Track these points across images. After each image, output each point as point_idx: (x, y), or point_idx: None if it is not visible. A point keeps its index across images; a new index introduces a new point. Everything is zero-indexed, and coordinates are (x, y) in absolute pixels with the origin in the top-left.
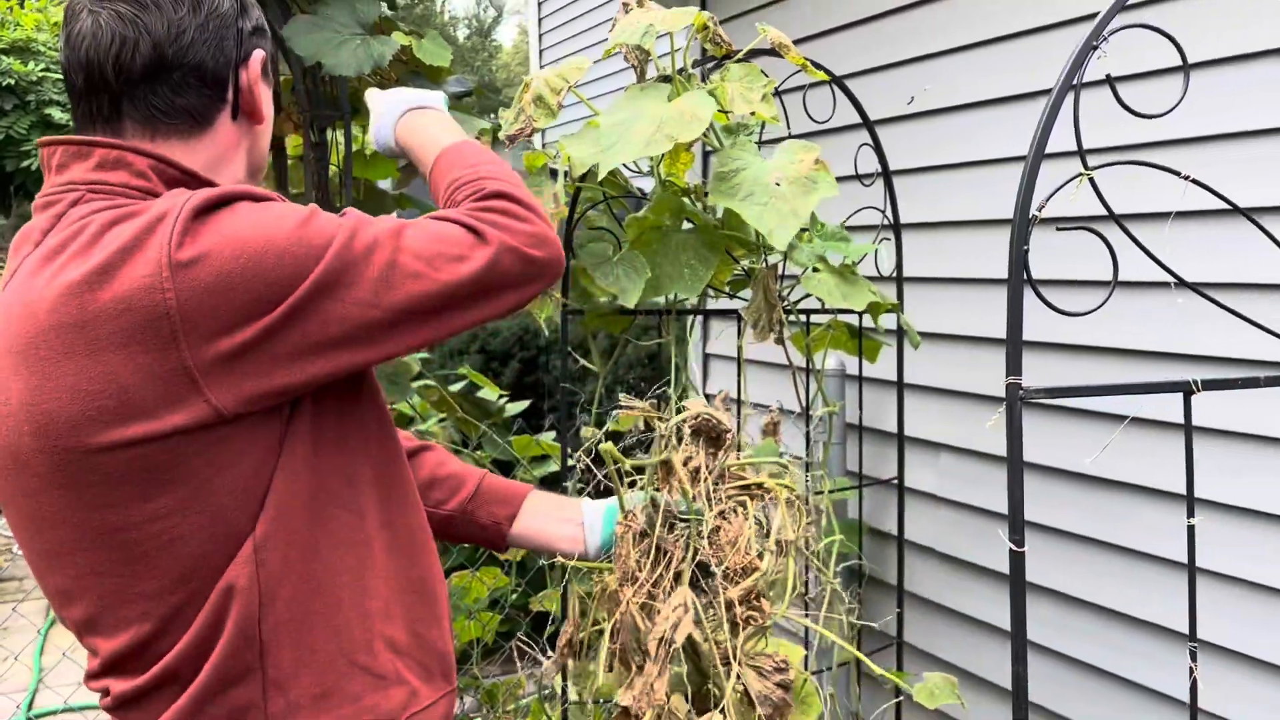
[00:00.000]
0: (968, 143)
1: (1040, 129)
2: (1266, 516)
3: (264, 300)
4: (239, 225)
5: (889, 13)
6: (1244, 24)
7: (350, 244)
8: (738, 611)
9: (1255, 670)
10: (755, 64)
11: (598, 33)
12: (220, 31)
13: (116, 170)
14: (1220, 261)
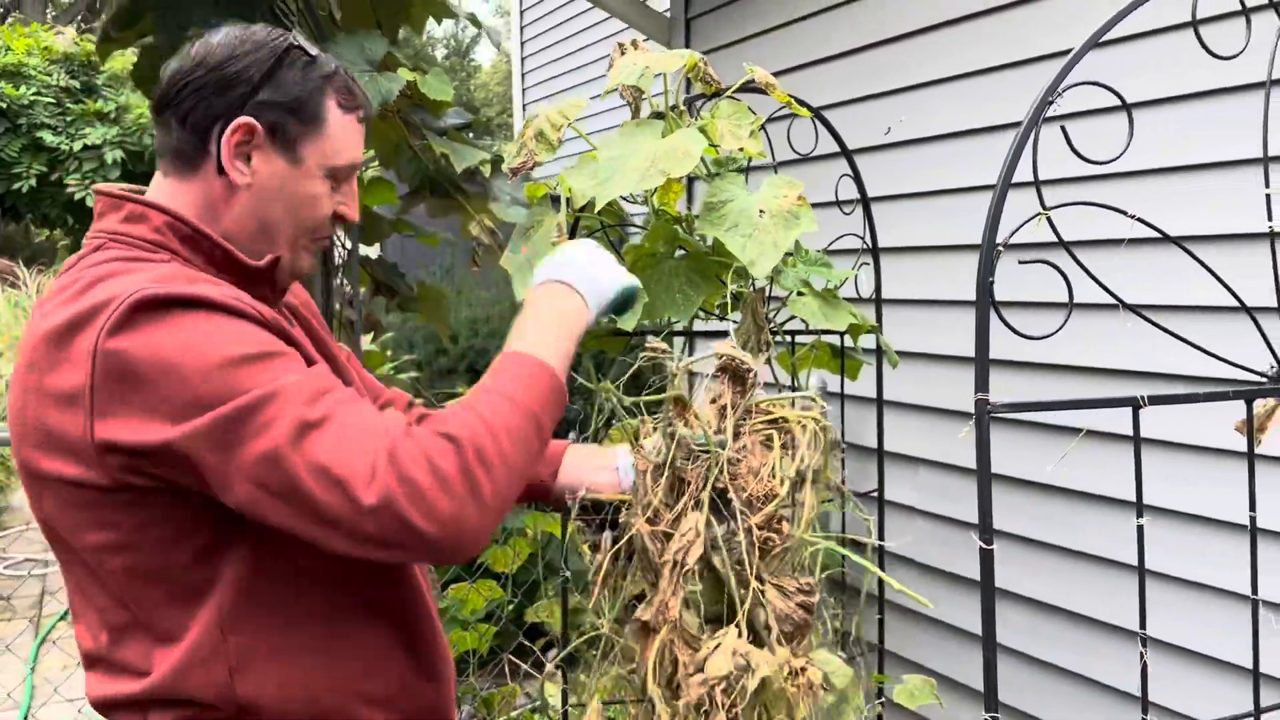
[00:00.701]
0: (941, 172)
1: (1003, 175)
2: (1208, 521)
3: (158, 413)
4: (166, 337)
5: (867, 47)
6: (1181, 70)
7: (247, 418)
8: (757, 535)
9: (1198, 664)
10: (742, 100)
11: (581, 56)
12: (215, 88)
13: (138, 224)
14: (1166, 286)
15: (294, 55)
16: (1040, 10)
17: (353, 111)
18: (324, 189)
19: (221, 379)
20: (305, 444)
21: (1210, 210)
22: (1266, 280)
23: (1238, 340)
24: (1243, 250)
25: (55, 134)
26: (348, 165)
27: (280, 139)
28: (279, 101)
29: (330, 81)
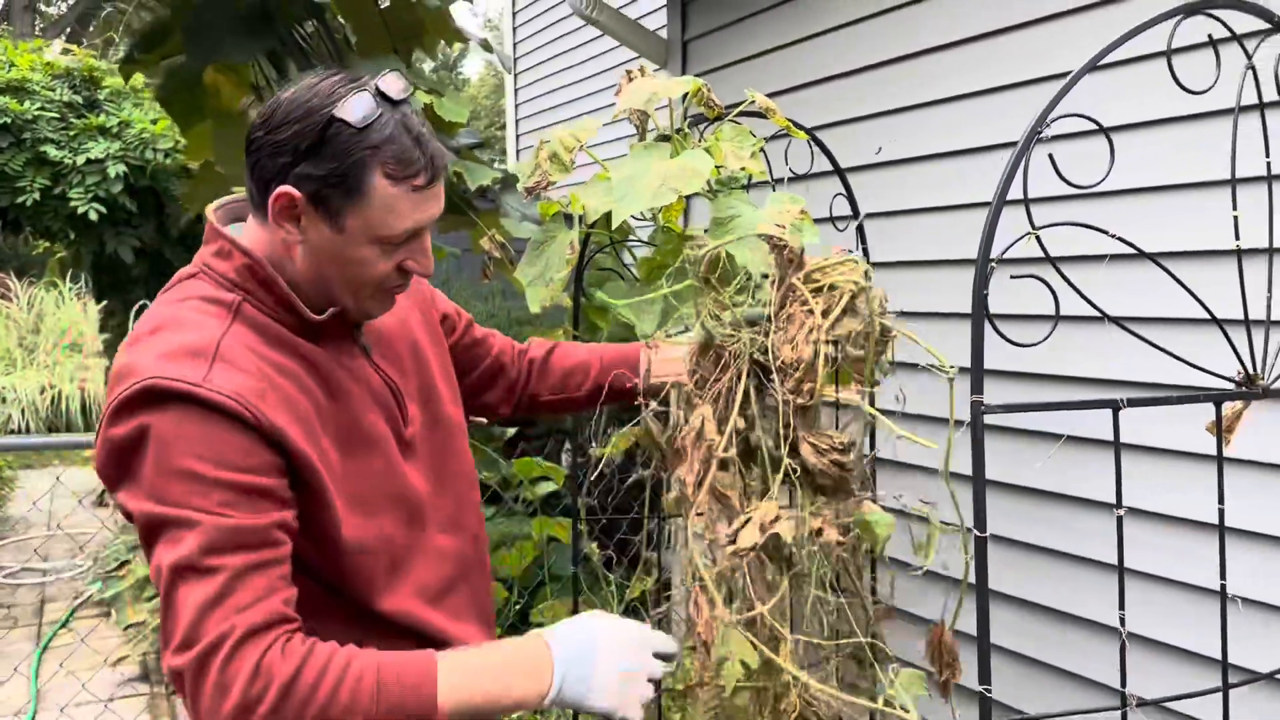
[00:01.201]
0: (931, 190)
1: (996, 197)
2: (1182, 521)
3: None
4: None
5: (858, 70)
6: (1159, 98)
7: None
8: (793, 400)
9: (1173, 657)
10: (743, 123)
11: (575, 72)
12: (268, 151)
13: (224, 261)
14: (1147, 298)
15: (337, 128)
16: (1026, 37)
17: (405, 181)
18: (373, 253)
19: (170, 482)
20: (180, 581)
21: (1187, 227)
22: (1239, 292)
23: (1211, 349)
24: (1217, 265)
25: (58, 148)
26: (400, 233)
27: (323, 208)
28: (319, 175)
29: (378, 153)
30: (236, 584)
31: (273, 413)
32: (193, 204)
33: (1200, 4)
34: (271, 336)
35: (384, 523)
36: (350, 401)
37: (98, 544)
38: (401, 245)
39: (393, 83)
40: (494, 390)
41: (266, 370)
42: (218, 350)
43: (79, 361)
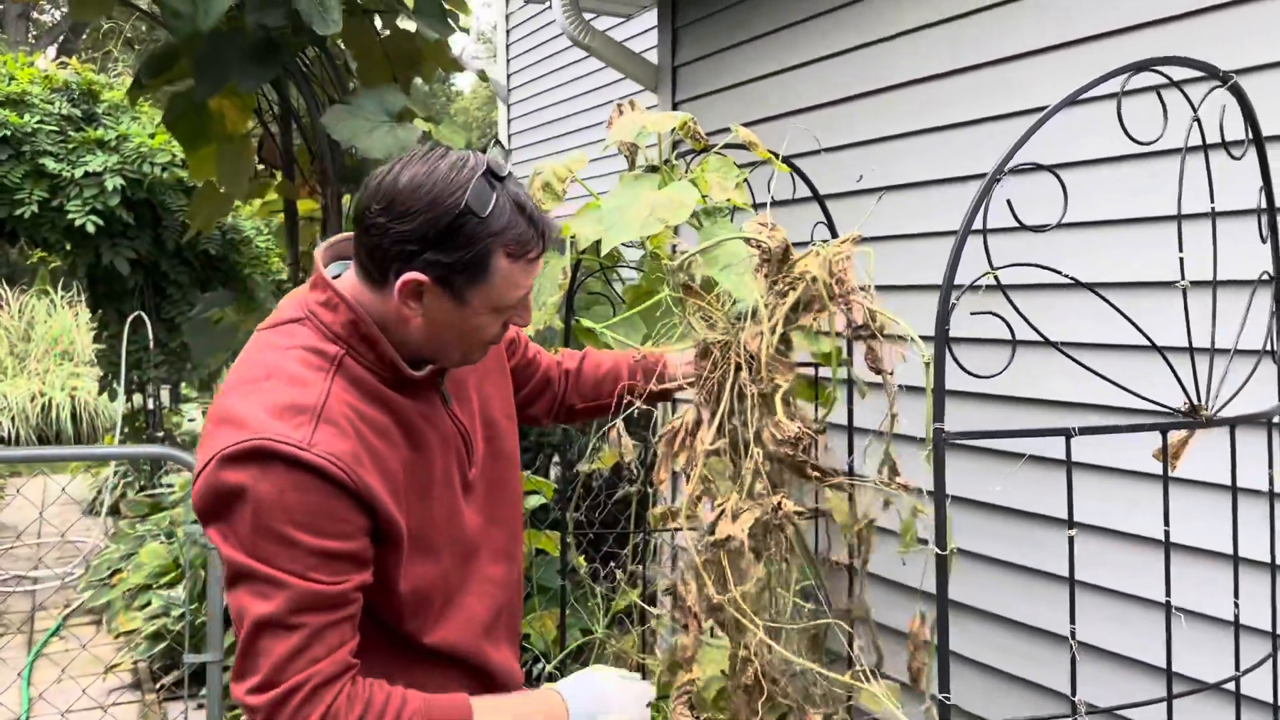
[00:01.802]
0: (907, 218)
1: (956, 243)
2: (1136, 538)
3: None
4: (255, 485)
5: (841, 100)
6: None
7: (255, 580)
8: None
9: (1123, 666)
10: (727, 154)
11: (568, 90)
12: (394, 238)
13: (331, 312)
14: (1105, 327)
15: (466, 219)
16: (998, 73)
17: (522, 257)
18: (489, 320)
19: (266, 542)
20: (265, 633)
21: (1140, 260)
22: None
23: (1162, 374)
24: (1169, 296)
25: (57, 161)
26: (514, 301)
27: (448, 288)
28: (448, 262)
29: (500, 237)
30: (314, 640)
31: (368, 475)
32: (194, 220)
33: (1150, 61)
34: (367, 391)
35: (444, 562)
36: (430, 452)
37: (89, 552)
38: (512, 308)
39: (497, 161)
40: (539, 403)
41: (363, 430)
42: (322, 411)
43: (70, 369)
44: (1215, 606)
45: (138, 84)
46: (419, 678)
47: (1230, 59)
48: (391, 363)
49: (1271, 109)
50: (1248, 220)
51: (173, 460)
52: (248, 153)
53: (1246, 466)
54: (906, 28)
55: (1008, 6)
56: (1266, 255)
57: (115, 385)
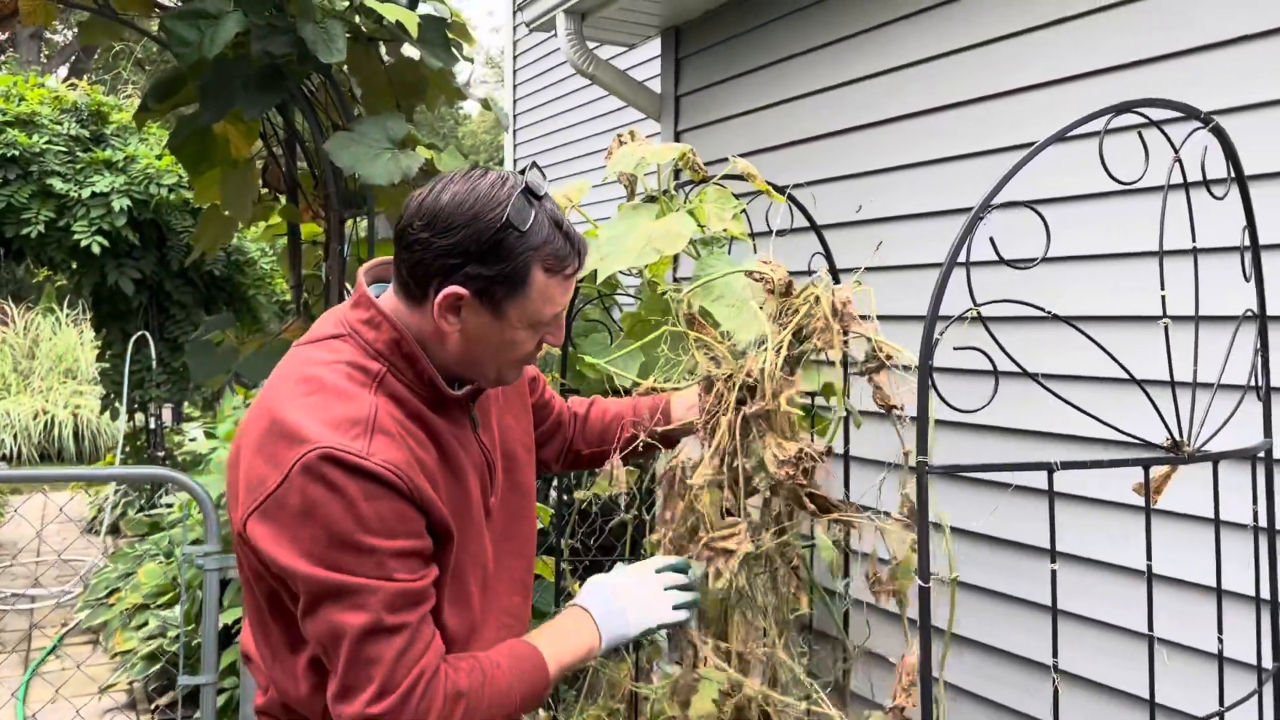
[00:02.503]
0: (902, 249)
1: (938, 284)
2: (1118, 569)
3: (294, 543)
4: (327, 500)
5: (840, 132)
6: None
7: (344, 594)
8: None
9: (1106, 696)
10: (726, 185)
11: (573, 116)
12: (436, 253)
13: (374, 330)
14: (1090, 360)
15: (507, 232)
16: (987, 109)
17: (560, 272)
18: (525, 335)
19: (346, 555)
20: (370, 640)
21: (1125, 294)
22: (1180, 356)
23: (1145, 407)
24: (1152, 331)
25: (64, 181)
26: (550, 316)
27: (487, 300)
28: (488, 275)
29: (538, 252)
30: (415, 637)
31: (421, 481)
32: (199, 242)
33: (1133, 103)
34: (408, 408)
35: (470, 588)
36: (464, 473)
37: (88, 571)
38: (547, 324)
39: (535, 180)
40: (550, 446)
41: (409, 442)
42: (374, 422)
43: (73, 387)
44: (1199, 639)
45: (144, 108)
46: None
47: (1212, 100)
48: (430, 380)
49: (1253, 149)
50: (1230, 258)
51: (172, 483)
52: (252, 176)
53: (1231, 500)
54: (903, 62)
55: (998, 44)
56: (1249, 292)
57: (117, 404)
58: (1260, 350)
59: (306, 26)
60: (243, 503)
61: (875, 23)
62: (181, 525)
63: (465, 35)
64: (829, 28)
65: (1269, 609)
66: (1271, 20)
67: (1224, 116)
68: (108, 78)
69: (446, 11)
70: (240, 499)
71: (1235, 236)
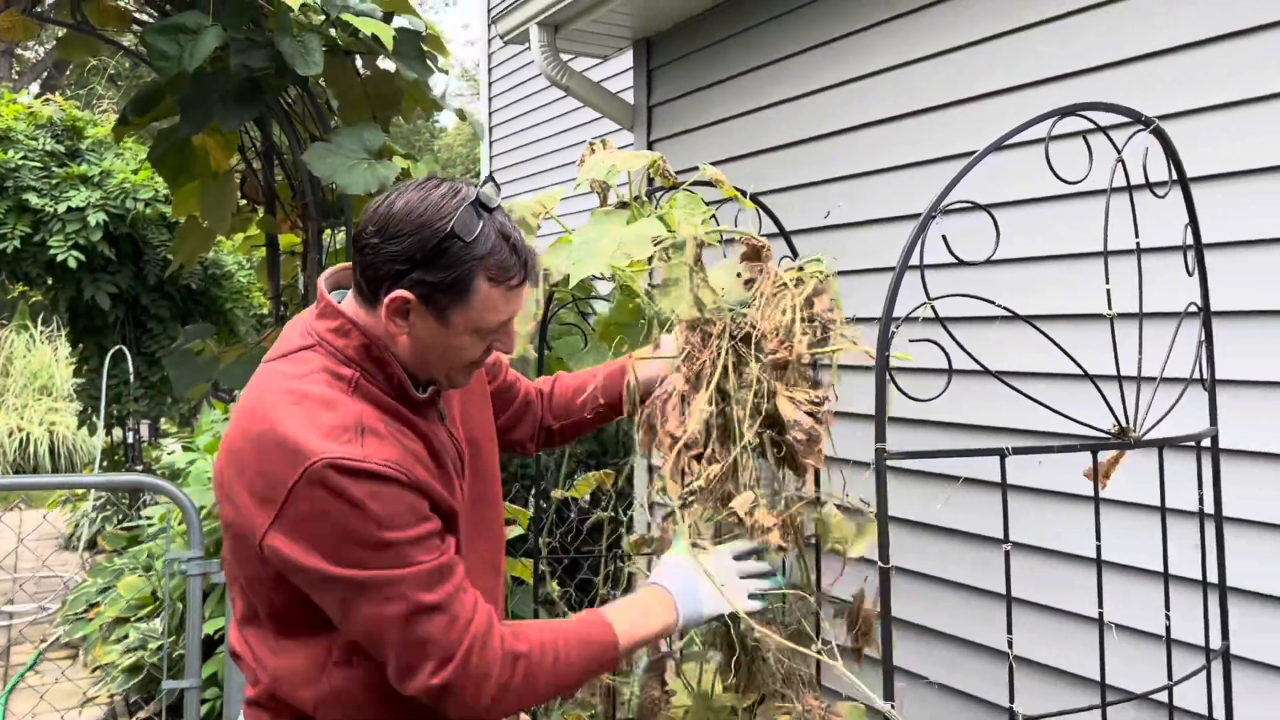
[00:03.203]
0: (869, 253)
1: (894, 281)
2: (1067, 555)
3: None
4: (340, 506)
5: (811, 139)
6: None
7: (376, 588)
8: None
9: (1057, 678)
10: (696, 191)
11: (549, 127)
12: (385, 258)
13: (343, 338)
14: (1041, 355)
15: (450, 242)
16: (954, 115)
17: (504, 283)
18: (470, 341)
19: (369, 552)
20: (414, 623)
21: (1073, 291)
22: (1113, 352)
23: (1094, 400)
24: (1099, 326)
25: (40, 196)
26: (495, 325)
27: (432, 307)
28: (432, 281)
29: (482, 262)
30: (456, 606)
31: (419, 472)
32: (178, 255)
33: (1076, 106)
34: (385, 409)
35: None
36: (445, 464)
37: (66, 585)
38: (493, 334)
39: (486, 194)
40: (521, 428)
41: (399, 438)
42: (362, 425)
43: (48, 404)
44: (1148, 621)
45: (124, 121)
46: None
47: (1157, 105)
48: (400, 383)
49: (1196, 151)
50: (1172, 256)
51: (153, 489)
52: (231, 188)
53: (1176, 488)
54: (868, 71)
55: (958, 53)
56: (1191, 287)
57: (95, 419)
58: (1205, 342)
59: (284, 40)
60: (256, 519)
61: (841, 32)
62: (164, 534)
63: (440, 48)
64: (796, 38)
65: (1216, 591)
66: (1211, 28)
67: (1168, 120)
68: (81, 93)
69: (421, 25)
70: (248, 514)
71: (1177, 235)
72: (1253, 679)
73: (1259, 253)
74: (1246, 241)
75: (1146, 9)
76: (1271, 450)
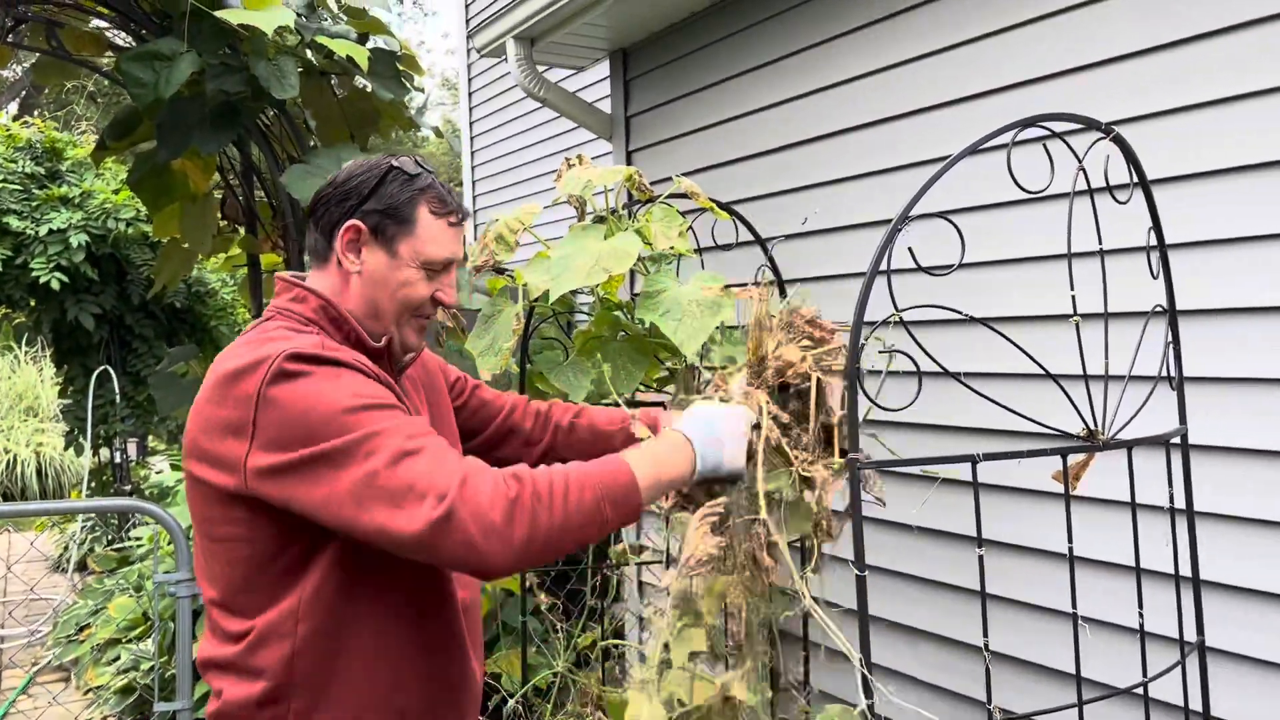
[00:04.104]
0: (846, 257)
1: (863, 289)
2: (1036, 551)
3: (296, 440)
4: (305, 388)
5: (787, 147)
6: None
7: (356, 447)
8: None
9: (1034, 672)
10: (673, 204)
11: (529, 136)
12: (337, 200)
13: (301, 304)
14: (1010, 358)
15: (394, 174)
16: (925, 121)
17: (444, 216)
18: (418, 277)
19: (343, 420)
20: (399, 466)
21: (1042, 294)
22: (1091, 353)
23: (1063, 401)
24: (1067, 329)
25: (21, 219)
26: (440, 259)
27: (381, 237)
28: (380, 209)
29: (424, 193)
30: (442, 450)
31: (378, 371)
32: (160, 276)
33: (1037, 117)
34: None
35: None
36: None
37: (57, 608)
38: (437, 275)
39: (422, 161)
40: (508, 446)
41: (359, 361)
42: (322, 343)
43: (35, 425)
44: (1124, 616)
45: (102, 146)
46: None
47: (1120, 109)
48: (356, 337)
49: (1156, 155)
50: (1135, 257)
51: (140, 512)
52: (211, 210)
53: (1146, 485)
54: (842, 78)
55: (929, 59)
56: (1155, 289)
57: (81, 440)
58: (1172, 343)
59: (259, 64)
60: (233, 456)
61: (815, 40)
62: (152, 556)
63: (415, 67)
64: (770, 47)
65: (1190, 585)
66: (1170, 33)
67: (1127, 126)
68: (60, 113)
69: (396, 45)
70: (226, 456)
71: (1139, 237)
72: (1228, 671)
73: (1221, 252)
74: (1209, 241)
75: (1107, 16)
76: (1240, 445)
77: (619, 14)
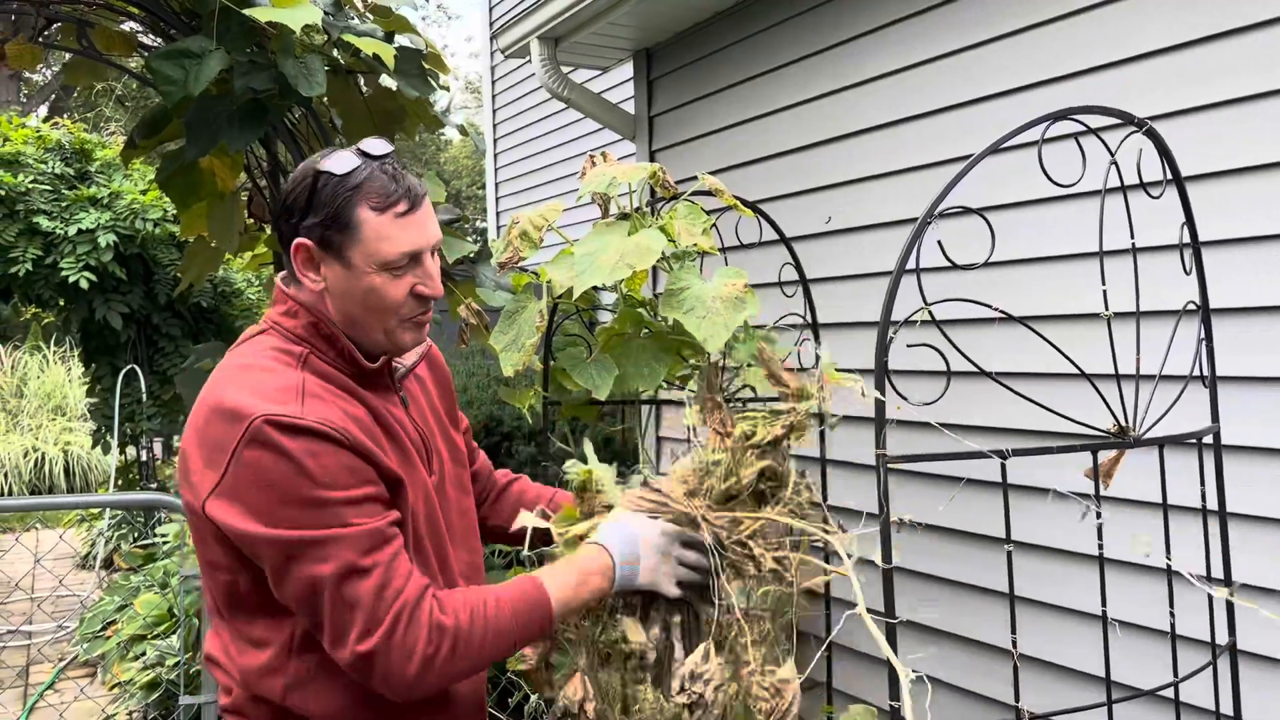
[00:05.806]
0: (869, 256)
1: (892, 282)
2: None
3: (256, 514)
4: (278, 466)
5: (810, 146)
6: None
7: (311, 548)
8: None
9: (1062, 675)
10: (697, 201)
11: (551, 139)
12: (284, 218)
13: (292, 319)
14: (1041, 356)
15: (324, 180)
16: (952, 119)
17: (389, 209)
18: (383, 279)
19: (308, 514)
20: (345, 583)
21: (1073, 292)
22: (1122, 350)
23: (1093, 399)
24: (1098, 326)
25: (50, 219)
26: (397, 256)
27: (331, 249)
28: (319, 221)
29: (359, 191)
30: (391, 574)
31: (358, 434)
32: (186, 275)
33: (1068, 110)
34: (335, 382)
35: (428, 555)
36: (400, 439)
37: (84, 603)
38: (406, 270)
39: (374, 144)
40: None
41: (340, 404)
42: (303, 389)
43: (63, 424)
44: (1153, 618)
45: (131, 145)
46: None
47: (1142, 107)
48: (349, 354)
49: (1192, 151)
50: (1167, 255)
51: (164, 507)
52: (238, 208)
53: (1177, 485)
54: (867, 76)
55: (955, 57)
56: (1188, 286)
57: (108, 438)
58: (1205, 340)
59: (287, 62)
60: (201, 486)
61: (840, 39)
62: (179, 553)
63: (440, 65)
64: (795, 45)
65: (1221, 587)
66: (1202, 29)
67: (1161, 121)
68: (89, 115)
69: (422, 43)
70: (197, 484)
71: (1172, 234)
72: (1260, 675)
73: (1253, 250)
74: (1241, 239)
75: (1133, 12)
76: (1272, 445)
77: (642, 14)
